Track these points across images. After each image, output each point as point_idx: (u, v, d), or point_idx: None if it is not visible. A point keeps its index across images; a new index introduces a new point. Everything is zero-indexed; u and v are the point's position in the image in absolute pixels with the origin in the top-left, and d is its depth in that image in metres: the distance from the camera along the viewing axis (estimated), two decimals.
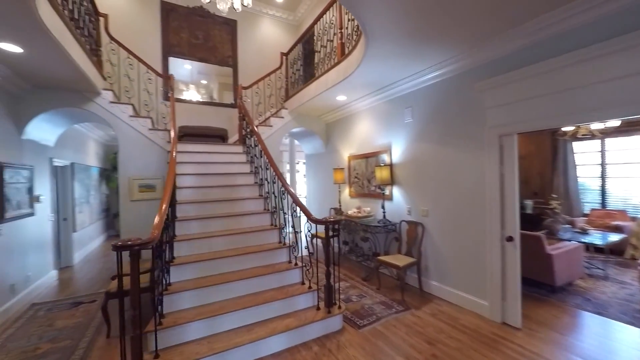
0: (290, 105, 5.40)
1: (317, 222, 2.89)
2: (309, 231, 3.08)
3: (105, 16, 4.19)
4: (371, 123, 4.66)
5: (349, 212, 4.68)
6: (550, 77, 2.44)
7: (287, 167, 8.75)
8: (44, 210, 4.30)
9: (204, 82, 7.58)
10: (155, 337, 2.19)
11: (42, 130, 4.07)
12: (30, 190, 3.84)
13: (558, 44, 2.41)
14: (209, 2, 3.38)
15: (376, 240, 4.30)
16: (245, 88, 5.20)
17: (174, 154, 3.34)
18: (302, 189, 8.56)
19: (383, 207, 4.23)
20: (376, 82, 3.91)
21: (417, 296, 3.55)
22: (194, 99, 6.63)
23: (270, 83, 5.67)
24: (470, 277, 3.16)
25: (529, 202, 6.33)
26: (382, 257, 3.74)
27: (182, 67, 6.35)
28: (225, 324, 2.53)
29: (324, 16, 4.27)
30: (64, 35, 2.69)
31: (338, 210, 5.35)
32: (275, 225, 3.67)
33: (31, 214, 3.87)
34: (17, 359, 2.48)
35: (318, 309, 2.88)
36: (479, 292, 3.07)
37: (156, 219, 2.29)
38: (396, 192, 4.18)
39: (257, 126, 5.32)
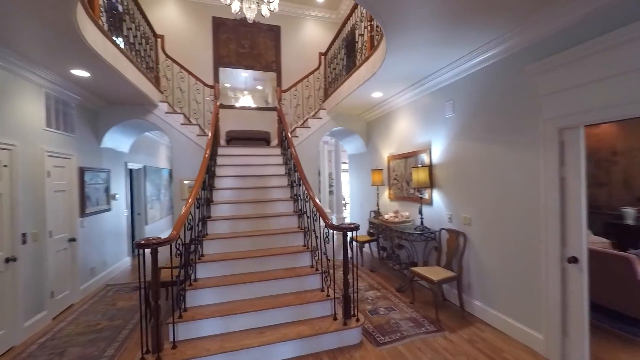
0: (328, 105, 5.32)
1: (333, 227, 2.75)
2: (327, 234, 2.95)
3: (161, 37, 4.76)
4: (410, 120, 4.27)
5: (386, 216, 4.37)
6: (629, 49, 1.83)
7: (333, 167, 8.69)
8: (120, 206, 5.13)
9: (259, 87, 8.05)
10: (174, 330, 2.37)
11: (116, 139, 4.84)
12: (107, 189, 4.61)
13: (636, 7, 1.79)
14: (239, 12, 3.51)
15: (413, 249, 3.92)
16: (283, 91, 5.31)
17: (207, 154, 3.58)
18: (347, 190, 8.40)
19: (421, 212, 3.82)
20: (411, 74, 3.55)
21: (456, 316, 3.10)
22: (246, 105, 7.08)
23: (309, 84, 5.68)
24: (521, 301, 2.61)
25: (629, 210, 4.98)
26: (416, 269, 3.38)
27: (240, 75, 6.77)
28: (240, 324, 2.60)
29: (357, 9, 4.07)
30: (117, 59, 3.12)
31: (377, 214, 5.07)
32: (302, 228, 3.65)
33: (108, 210, 4.65)
34: (81, 330, 3.00)
35: (335, 319, 2.75)
36: (532, 322, 2.52)
37: (177, 220, 2.49)
38: (436, 196, 3.74)
39: (295, 128, 5.41)
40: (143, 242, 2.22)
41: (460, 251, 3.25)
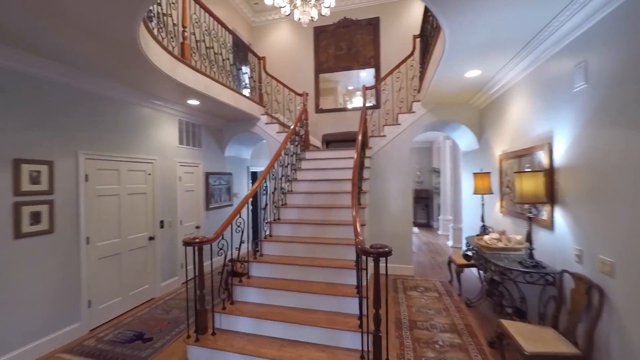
0: (423, 95, 4.49)
1: (362, 250, 2.28)
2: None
3: (263, 58, 5.49)
4: (525, 102, 2.93)
5: (485, 238, 3.21)
6: None
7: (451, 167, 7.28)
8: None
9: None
10: (213, 319, 2.73)
11: (237, 148, 6.03)
12: (229, 189, 5.84)
13: None
14: (299, 19, 3.53)
15: (519, 291, 2.69)
16: (368, 89, 4.90)
17: (281, 156, 3.87)
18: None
19: (529, 238, 2.56)
20: (508, 37, 2.43)
21: None
22: (350, 106, 7.01)
23: (400, 75, 4.96)
24: None
25: None
26: (506, 322, 2.31)
27: (358, 76, 6.46)
28: (267, 330, 2.65)
29: None
30: (210, 87, 3.86)
31: (484, 230, 3.82)
32: None
33: (230, 205, 5.88)
34: (190, 297, 3.95)
35: (362, 357, 2.30)
36: None
37: (220, 226, 2.84)
38: (559, 217, 2.39)
39: (384, 126, 4.90)
40: (198, 240, 2.67)
41: (592, 315, 1.94)
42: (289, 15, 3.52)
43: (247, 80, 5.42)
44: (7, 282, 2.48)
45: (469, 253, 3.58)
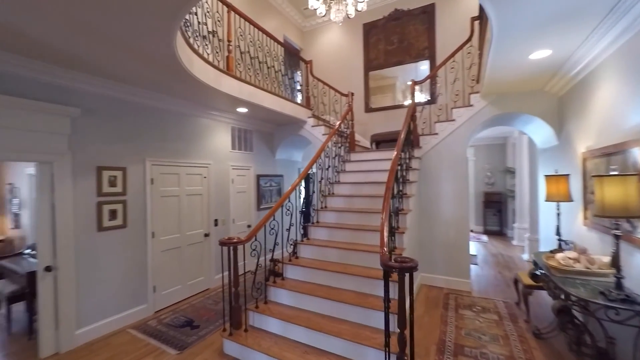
0: (480, 85, 3.91)
1: (386, 265, 2.08)
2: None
3: (310, 62, 5.55)
4: (616, 83, 2.26)
5: (557, 256, 2.59)
6: None
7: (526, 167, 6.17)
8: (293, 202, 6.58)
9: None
10: (246, 316, 2.86)
11: (288, 151, 6.25)
12: (279, 190, 6.10)
13: None
14: (337, 18, 3.42)
15: (603, 328, 2.09)
16: (417, 83, 4.47)
17: (321, 158, 3.87)
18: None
19: (617, 262, 1.95)
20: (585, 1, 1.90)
21: None
22: (407, 103, 6.56)
23: (455, 65, 4.40)
24: None
25: None
26: None
27: (417, 70, 5.88)
28: (293, 334, 2.65)
29: None
30: (253, 95, 4.09)
31: (560, 245, 3.11)
32: (396, 248, 3.02)
33: (281, 205, 6.13)
34: None
35: None
36: None
37: (254, 228, 2.96)
38: None
39: (436, 123, 4.44)
40: (232, 240, 2.85)
41: None
42: (324, 16, 3.47)
43: (297, 85, 5.57)
44: (92, 267, 3.06)
45: (538, 273, 2.95)
